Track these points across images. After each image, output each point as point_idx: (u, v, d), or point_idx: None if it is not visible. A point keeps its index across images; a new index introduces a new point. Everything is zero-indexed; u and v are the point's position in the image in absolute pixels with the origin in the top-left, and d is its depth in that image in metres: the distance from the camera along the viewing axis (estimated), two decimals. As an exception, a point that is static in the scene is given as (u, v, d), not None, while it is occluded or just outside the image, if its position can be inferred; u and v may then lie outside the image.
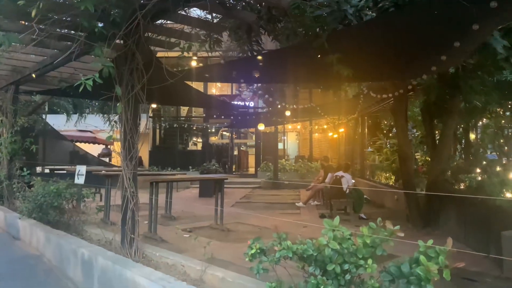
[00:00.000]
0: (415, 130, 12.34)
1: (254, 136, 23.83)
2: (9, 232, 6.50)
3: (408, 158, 8.07)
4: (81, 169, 5.28)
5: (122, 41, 4.12)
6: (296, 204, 10.74)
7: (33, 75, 6.43)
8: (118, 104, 3.96)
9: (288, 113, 10.90)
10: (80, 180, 5.22)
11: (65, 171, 11.45)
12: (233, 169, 20.43)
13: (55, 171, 11.01)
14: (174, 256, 3.97)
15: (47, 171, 12.11)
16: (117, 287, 3.47)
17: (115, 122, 4.50)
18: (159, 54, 5.35)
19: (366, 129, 15.42)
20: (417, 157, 11.28)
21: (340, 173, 9.17)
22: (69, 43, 4.90)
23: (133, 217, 4.08)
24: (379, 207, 10.44)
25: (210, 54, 6.93)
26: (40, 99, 9.90)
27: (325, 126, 19.96)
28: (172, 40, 5.45)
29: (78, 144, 19.34)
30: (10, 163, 7.70)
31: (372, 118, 15.59)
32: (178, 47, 5.41)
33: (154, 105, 18.40)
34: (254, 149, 23.78)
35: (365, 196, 9.25)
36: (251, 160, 25.55)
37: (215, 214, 7.28)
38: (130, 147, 4.17)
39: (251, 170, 23.09)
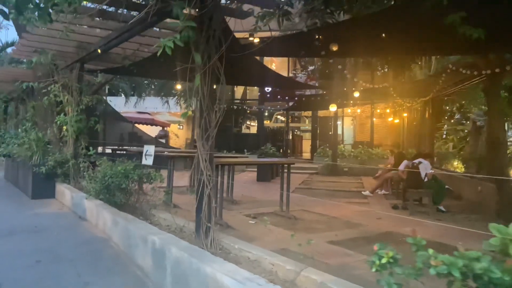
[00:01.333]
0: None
1: (307, 121, 23.05)
2: (75, 212, 6.40)
3: (501, 145, 7.04)
4: (149, 149, 4.93)
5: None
6: (363, 192, 9.98)
7: (99, 50, 6.18)
8: (196, 76, 3.47)
9: (357, 94, 10.05)
10: (148, 161, 4.88)
11: (126, 152, 11.50)
12: (288, 154, 19.84)
13: (117, 151, 11.03)
14: (257, 251, 3.47)
15: (108, 151, 12.21)
16: (194, 283, 3.03)
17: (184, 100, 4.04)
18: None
19: (434, 114, 14.12)
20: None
21: (418, 159, 8.25)
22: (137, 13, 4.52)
23: (210, 204, 3.62)
24: (456, 198, 9.39)
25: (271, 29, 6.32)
26: (103, 78, 9.84)
27: (387, 110, 18.75)
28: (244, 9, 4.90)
29: (136, 125, 19.72)
30: (76, 142, 7.63)
31: (440, 102, 14.24)
32: (253, 15, 4.86)
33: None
34: (308, 133, 23.09)
35: (446, 187, 8.29)
36: (305, 145, 24.87)
37: (280, 200, 6.82)
38: (206, 126, 3.69)
39: (305, 155, 22.42)
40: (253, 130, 24.99)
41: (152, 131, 21.17)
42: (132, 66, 7.21)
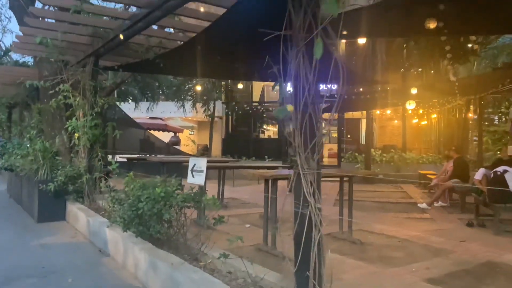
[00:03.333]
0: None
1: (323, 124, 21.59)
2: (93, 242, 5.02)
3: None
4: (199, 163, 3.56)
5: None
6: (419, 205, 8.62)
7: (121, 36, 4.83)
8: (317, 42, 2.09)
9: (414, 90, 8.62)
10: (198, 179, 3.52)
11: (144, 161, 10.18)
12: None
13: (133, 160, 9.69)
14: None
15: (120, 159, 10.81)
16: None
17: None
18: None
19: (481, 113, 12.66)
20: None
21: (502, 168, 6.81)
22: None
23: (320, 255, 2.24)
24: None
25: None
26: (118, 78, 8.52)
27: (420, 111, 17.33)
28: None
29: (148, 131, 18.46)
30: (90, 152, 6.29)
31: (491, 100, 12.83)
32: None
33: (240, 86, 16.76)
34: (328, 137, 21.62)
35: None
36: (327, 150, 23.43)
37: (340, 221, 5.67)
38: (312, 129, 2.31)
39: (330, 160, 20.97)
40: (267, 134, 23.65)
41: (163, 137, 19.88)
42: (158, 59, 5.87)
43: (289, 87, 2.64)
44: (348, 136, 17.87)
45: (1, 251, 4.74)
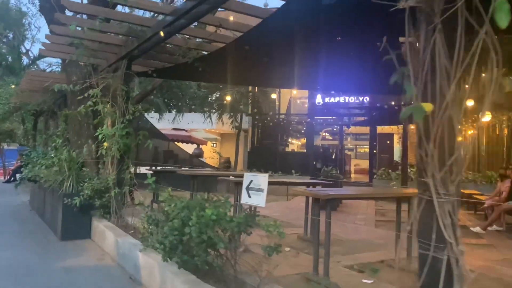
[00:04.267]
0: None
1: (349, 138, 20.79)
2: (122, 266, 4.41)
3: None
4: (257, 180, 2.90)
5: None
6: (472, 229, 7.74)
7: (161, 33, 4.28)
8: (501, 12, 1.43)
9: (470, 102, 7.80)
10: (257, 199, 2.86)
11: (171, 172, 9.62)
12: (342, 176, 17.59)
13: (160, 172, 9.12)
14: None
15: (143, 170, 10.22)
16: None
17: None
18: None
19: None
20: None
21: None
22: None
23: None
24: None
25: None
26: (148, 85, 8.01)
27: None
28: None
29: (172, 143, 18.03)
30: (120, 163, 5.73)
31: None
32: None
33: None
34: (354, 152, 20.79)
35: None
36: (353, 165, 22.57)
37: (396, 245, 4.88)
38: (450, 141, 1.63)
39: (357, 177, 20.10)
40: (291, 148, 22.95)
41: (185, 149, 19.41)
42: (198, 62, 5.31)
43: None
44: (379, 151, 16.98)
45: (21, 274, 4.17)
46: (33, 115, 12.10)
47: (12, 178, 16.47)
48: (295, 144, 25.58)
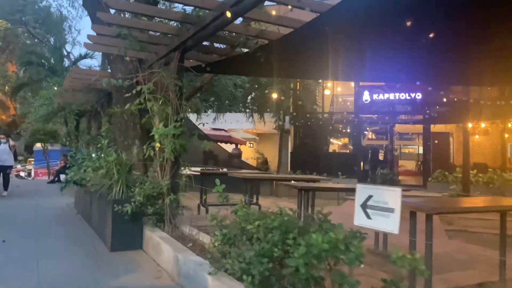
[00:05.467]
0: None
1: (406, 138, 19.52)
2: (182, 286, 3.79)
3: None
4: (382, 195, 2.08)
5: None
6: None
7: (228, 14, 3.62)
8: None
9: None
10: (383, 223, 2.07)
11: (219, 174, 8.99)
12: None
13: (207, 174, 8.50)
14: None
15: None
16: None
17: None
18: None
19: None
20: None
21: None
22: None
23: None
24: None
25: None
26: (199, 81, 7.41)
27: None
28: None
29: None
30: (174, 166, 5.15)
31: None
32: None
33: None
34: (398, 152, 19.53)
35: None
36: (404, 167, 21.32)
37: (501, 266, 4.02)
38: None
39: (404, 179, 18.85)
40: (332, 148, 21.97)
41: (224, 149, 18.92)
42: (260, 51, 4.63)
43: None
44: (433, 151, 15.74)
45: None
46: (76, 115, 11.88)
47: (56, 179, 16.54)
48: (335, 144, 24.56)
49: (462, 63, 5.13)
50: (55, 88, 13.70)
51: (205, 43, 5.54)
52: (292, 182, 6.24)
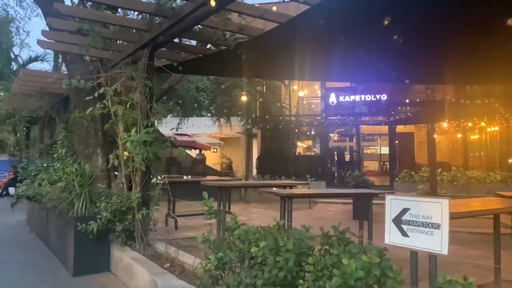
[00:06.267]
0: None
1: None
2: (165, 317, 3.27)
3: None
4: (422, 208, 1.72)
5: None
6: None
7: (212, 3, 3.17)
8: None
9: None
10: (425, 241, 1.69)
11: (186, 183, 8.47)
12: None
13: (176, 183, 7.92)
14: None
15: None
16: None
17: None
18: None
19: None
20: None
21: None
22: None
23: None
24: None
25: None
26: (168, 81, 6.85)
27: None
28: None
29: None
30: (145, 177, 4.60)
31: None
32: None
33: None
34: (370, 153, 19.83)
35: None
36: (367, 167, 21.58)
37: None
38: None
39: (372, 180, 19.05)
40: (298, 151, 21.93)
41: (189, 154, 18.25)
42: (240, 49, 4.22)
43: None
44: (399, 152, 15.98)
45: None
46: (27, 122, 10.86)
47: (4, 192, 15.17)
48: (300, 147, 24.55)
49: (437, 60, 5.00)
50: (1, 94, 12.56)
51: (177, 40, 5.02)
52: (274, 189, 5.83)
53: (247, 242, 2.46)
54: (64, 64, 8.37)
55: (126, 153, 4.64)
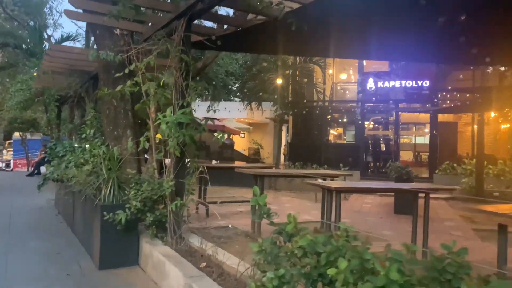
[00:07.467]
0: None
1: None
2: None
3: None
4: None
5: None
6: None
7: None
8: None
9: None
10: None
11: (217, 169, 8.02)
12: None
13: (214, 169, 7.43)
14: None
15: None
16: None
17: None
18: None
19: None
20: None
21: None
22: None
23: None
24: None
25: None
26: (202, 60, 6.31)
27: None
28: None
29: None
30: (179, 163, 4.11)
31: None
32: None
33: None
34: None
35: None
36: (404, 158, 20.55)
37: None
38: None
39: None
40: (330, 139, 21.15)
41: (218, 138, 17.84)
42: (291, 18, 3.61)
43: None
44: (440, 142, 14.95)
45: None
46: (57, 101, 10.63)
47: (36, 171, 15.27)
48: (331, 135, 23.72)
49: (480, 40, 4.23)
50: (35, 75, 12.41)
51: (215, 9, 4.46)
52: (319, 181, 5.25)
53: (313, 254, 1.90)
54: (94, 42, 7.95)
55: (159, 135, 4.16)
